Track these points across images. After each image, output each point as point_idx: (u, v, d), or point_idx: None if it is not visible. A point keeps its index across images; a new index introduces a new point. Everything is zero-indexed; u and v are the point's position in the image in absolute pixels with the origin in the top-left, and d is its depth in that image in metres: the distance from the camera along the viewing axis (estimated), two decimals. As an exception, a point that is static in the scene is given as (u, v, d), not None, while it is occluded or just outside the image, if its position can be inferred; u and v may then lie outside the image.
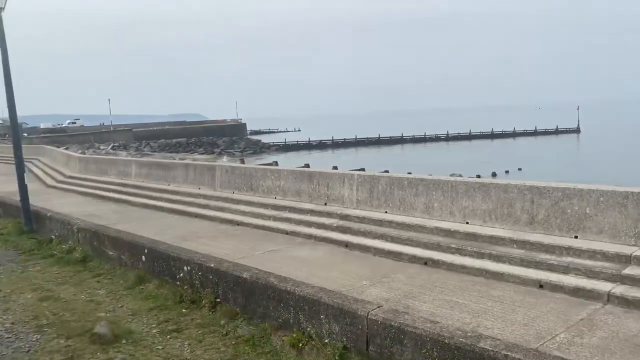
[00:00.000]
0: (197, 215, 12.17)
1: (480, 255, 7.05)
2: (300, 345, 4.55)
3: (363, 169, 29.52)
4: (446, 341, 3.34)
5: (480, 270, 6.77)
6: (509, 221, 7.48)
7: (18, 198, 11.72)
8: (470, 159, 50.74)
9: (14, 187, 14.91)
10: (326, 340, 4.39)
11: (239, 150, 64.33)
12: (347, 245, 8.63)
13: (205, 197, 13.11)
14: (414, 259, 7.56)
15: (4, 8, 10.59)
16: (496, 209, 7.63)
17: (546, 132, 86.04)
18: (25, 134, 59.05)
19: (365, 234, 8.71)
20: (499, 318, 5.25)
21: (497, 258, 6.88)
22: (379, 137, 79.09)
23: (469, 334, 3.36)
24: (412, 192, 8.83)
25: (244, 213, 11.44)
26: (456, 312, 5.43)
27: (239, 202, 12.06)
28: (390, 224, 8.67)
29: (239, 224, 11.03)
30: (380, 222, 8.86)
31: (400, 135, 80.00)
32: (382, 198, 9.33)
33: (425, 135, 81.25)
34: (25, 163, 12.58)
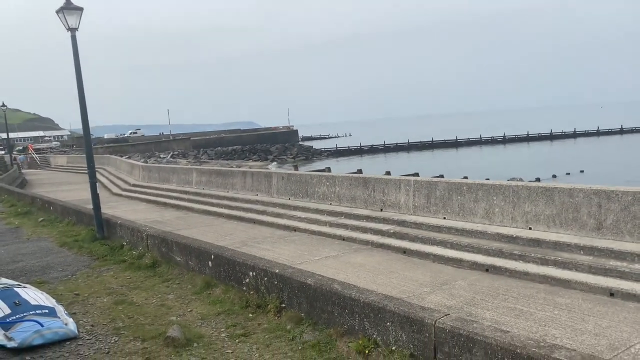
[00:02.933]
0: (255, 221, 12.53)
1: (544, 262, 6.90)
2: (367, 352, 4.63)
3: (417, 174, 29.21)
4: (518, 351, 3.33)
5: (544, 277, 6.64)
6: (575, 226, 7.28)
7: (90, 206, 12.44)
8: (528, 161, 49.21)
9: (85, 194, 15.84)
10: (393, 348, 4.45)
11: (292, 156, 65.17)
12: (404, 251, 8.65)
13: (262, 203, 13.46)
14: (474, 266, 7.48)
15: (77, 28, 11.32)
16: (560, 213, 7.44)
17: (610, 132, 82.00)
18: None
19: (423, 240, 8.69)
20: (567, 327, 5.14)
21: (563, 265, 6.71)
22: (432, 141, 77.93)
23: (542, 344, 3.34)
24: (471, 198, 8.73)
25: (300, 219, 11.68)
26: (521, 321, 5.36)
27: (295, 208, 12.31)
28: (449, 230, 8.62)
29: (295, 229, 11.26)
30: (438, 228, 8.82)
31: (455, 138, 78.42)
32: (440, 204, 9.28)
33: (480, 137, 79.25)
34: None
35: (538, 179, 31.11)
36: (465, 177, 10.67)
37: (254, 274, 6.62)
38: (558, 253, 6.97)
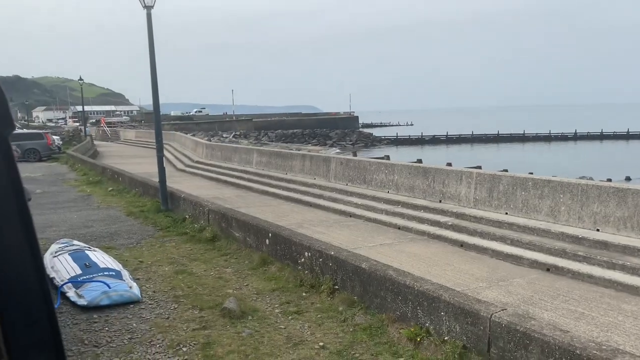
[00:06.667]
0: (311, 205, 12.66)
1: (611, 266, 6.58)
2: (418, 339, 4.62)
3: (479, 167, 28.40)
4: (577, 352, 3.22)
5: (610, 282, 6.34)
6: (649, 231, 6.88)
7: (156, 179, 13.00)
8: (600, 161, 46.64)
9: (150, 168, 16.55)
10: (445, 338, 4.42)
11: (351, 142, 65.06)
12: (462, 245, 8.49)
13: (319, 187, 13.57)
14: (535, 264, 7.25)
15: (152, 6, 11.74)
16: (632, 216, 7.05)
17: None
18: (159, 121, 64.51)
19: (482, 234, 8.49)
20: (632, 335, 4.91)
21: (632, 270, 6.38)
22: (497, 134, 75.16)
23: (604, 347, 3.21)
24: (536, 194, 8.43)
25: (356, 205, 11.69)
26: (582, 324, 5.16)
27: (352, 194, 12.33)
28: (510, 226, 8.37)
29: (351, 215, 11.29)
30: (499, 224, 8.58)
31: (522, 132, 75.26)
32: (503, 199, 9.01)
33: (550, 133, 75.52)
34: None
35: (609, 180, 29.50)
36: (531, 173, 10.27)
37: (309, 254, 6.72)
38: (627, 258, 6.63)
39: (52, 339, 0.72)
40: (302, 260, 6.88)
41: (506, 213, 8.89)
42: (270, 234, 7.78)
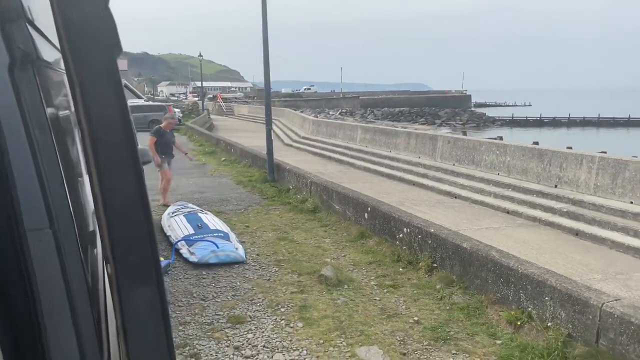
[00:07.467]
0: (414, 183, 12.44)
1: None
2: (519, 323, 4.40)
3: (604, 153, 26.04)
4: None
5: None
6: None
7: (264, 152, 13.56)
8: None
9: (260, 142, 17.25)
10: (549, 324, 4.16)
11: (461, 122, 62.52)
12: (577, 233, 7.89)
13: (424, 166, 13.28)
14: (662, 259, 6.54)
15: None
16: None
17: None
18: (270, 98, 66.86)
19: (601, 224, 7.81)
20: None
21: None
22: (628, 118, 67.84)
23: None
24: (670, 183, 7.55)
25: (462, 186, 11.28)
26: None
27: (458, 174, 11.91)
28: (635, 216, 7.61)
29: (456, 196, 10.93)
30: (622, 213, 7.83)
31: (656, 115, 67.22)
32: (629, 186, 8.19)
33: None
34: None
35: None
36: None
37: (408, 230, 6.64)
38: None
39: (155, 279, 0.78)
40: (401, 235, 6.81)
41: (631, 202, 8.07)
42: (369, 208, 7.80)
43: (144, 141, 9.77)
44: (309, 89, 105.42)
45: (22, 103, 0.74)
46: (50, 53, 1.05)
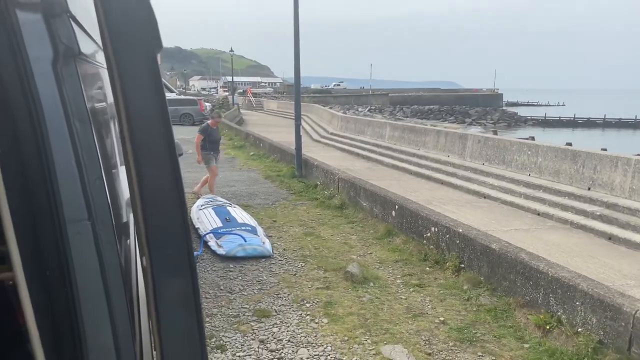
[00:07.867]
0: (442, 182, 12.30)
1: None
2: (547, 327, 4.32)
3: (640, 155, 25.21)
4: None
5: None
6: None
7: (293, 147, 13.61)
8: None
9: (288, 137, 17.32)
10: (579, 330, 4.07)
11: (492, 121, 61.44)
12: (610, 237, 7.67)
13: (453, 165, 13.10)
14: (701, 267, 6.31)
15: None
16: None
17: None
18: (299, 94, 67.02)
19: (636, 228, 7.59)
20: None
21: None
22: (666, 120, 65.58)
23: None
24: None
25: (492, 186, 11.09)
26: None
27: (488, 174, 11.72)
28: (673, 221, 7.36)
29: (485, 196, 10.76)
30: (659, 217, 7.59)
31: None
32: (667, 190, 7.92)
33: None
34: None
35: None
36: None
37: (436, 229, 6.58)
38: None
39: (189, 271, 0.80)
40: (428, 234, 6.76)
41: (669, 206, 7.81)
42: (396, 206, 7.75)
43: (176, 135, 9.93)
44: (339, 85, 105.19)
45: (64, 96, 0.76)
46: (90, 47, 1.08)
